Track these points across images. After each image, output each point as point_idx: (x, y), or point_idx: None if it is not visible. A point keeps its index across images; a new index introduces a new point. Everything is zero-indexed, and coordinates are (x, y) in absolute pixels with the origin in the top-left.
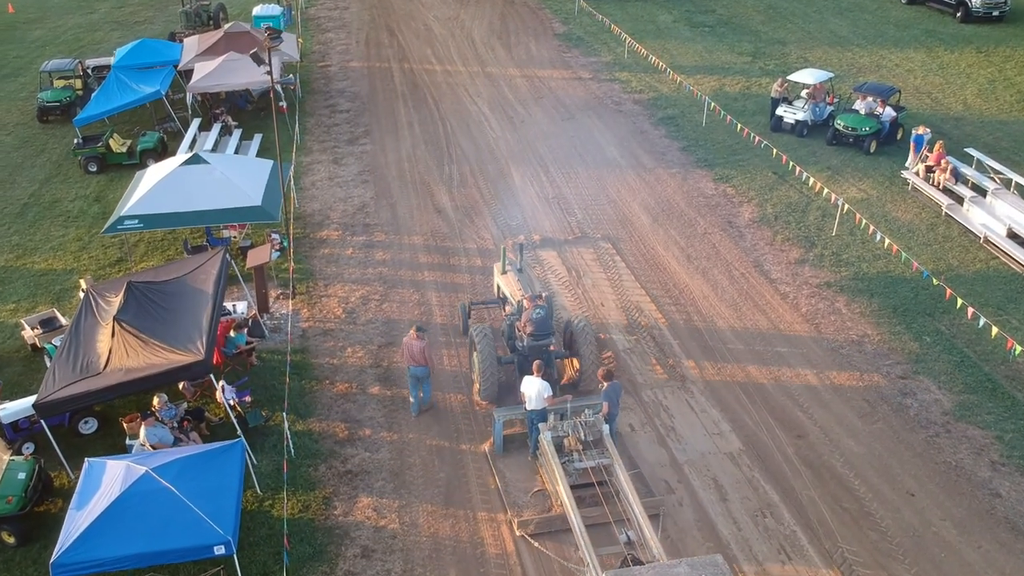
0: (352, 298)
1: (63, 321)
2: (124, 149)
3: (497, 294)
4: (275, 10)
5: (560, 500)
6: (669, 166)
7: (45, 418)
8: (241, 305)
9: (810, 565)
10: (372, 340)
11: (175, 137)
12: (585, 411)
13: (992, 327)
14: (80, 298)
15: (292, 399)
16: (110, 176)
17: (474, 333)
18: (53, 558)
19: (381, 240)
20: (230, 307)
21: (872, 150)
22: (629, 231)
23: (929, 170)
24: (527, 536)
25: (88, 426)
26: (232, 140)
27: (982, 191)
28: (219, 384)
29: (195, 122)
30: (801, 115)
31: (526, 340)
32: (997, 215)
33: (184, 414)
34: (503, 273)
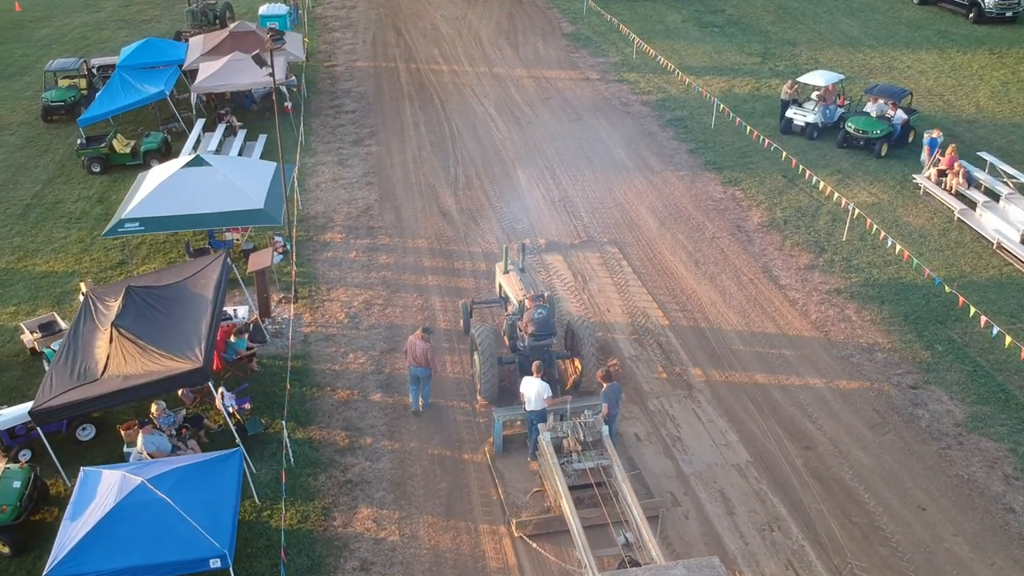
0: (355, 302)
1: (62, 325)
2: (128, 150)
3: (499, 293)
4: (282, 9)
5: (559, 501)
6: (677, 169)
7: (41, 425)
8: (242, 310)
9: None
10: (374, 346)
11: (179, 138)
12: (585, 412)
13: (1006, 336)
14: (80, 302)
15: (292, 406)
16: (113, 177)
17: (475, 333)
18: (46, 570)
19: (385, 243)
20: (231, 312)
21: (883, 153)
22: (636, 235)
23: (941, 174)
24: (525, 537)
25: (86, 432)
26: (236, 141)
27: (995, 196)
28: (218, 391)
29: (199, 122)
30: (811, 117)
31: (527, 340)
32: (1010, 220)
33: (183, 421)
34: (505, 273)
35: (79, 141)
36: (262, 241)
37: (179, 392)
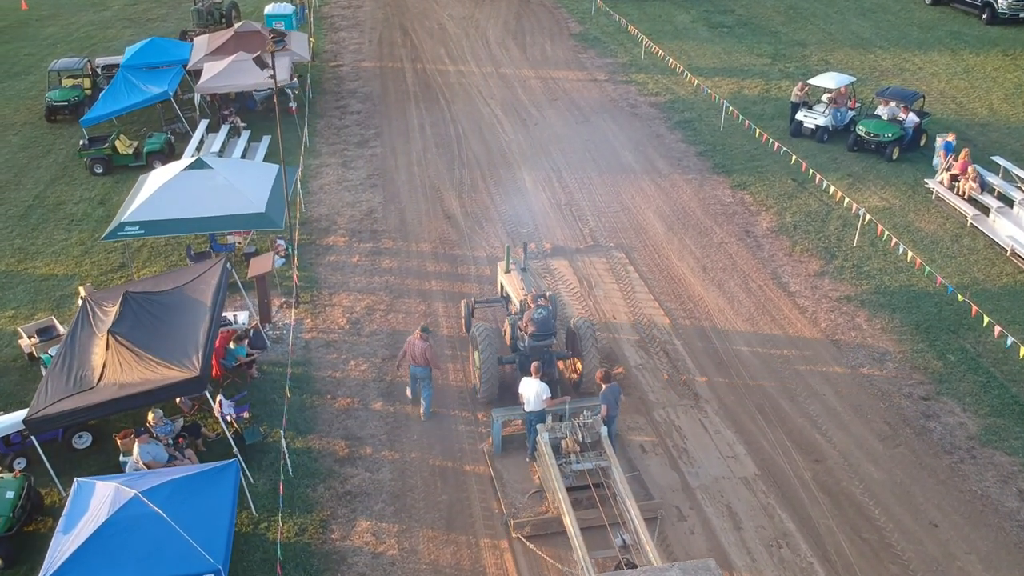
0: (357, 308)
1: (61, 330)
2: (130, 151)
3: (500, 293)
4: (287, 8)
5: (557, 502)
6: (685, 172)
7: (36, 435)
8: (242, 315)
9: None
10: (376, 352)
11: (183, 138)
12: (584, 413)
13: (1020, 346)
14: (79, 306)
15: (292, 414)
16: (116, 178)
17: (476, 332)
18: None
19: (388, 247)
20: (231, 317)
21: (894, 157)
22: (643, 240)
23: (954, 179)
24: (523, 538)
25: (82, 440)
26: (240, 142)
27: (1009, 201)
28: (216, 399)
29: (202, 123)
30: (822, 120)
31: (527, 340)
32: None
33: (180, 430)
34: (507, 272)
35: (82, 142)
36: (264, 244)
37: (177, 400)
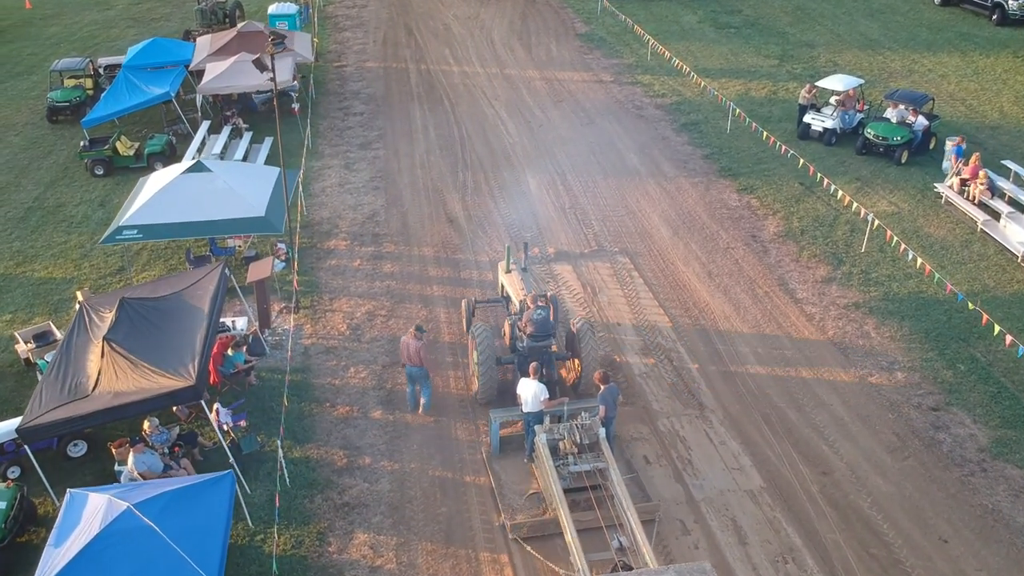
0: (358, 313)
1: (58, 335)
2: (131, 152)
3: (500, 293)
4: (291, 8)
5: (554, 504)
6: (691, 175)
7: (29, 443)
8: (241, 321)
9: None
10: (376, 359)
11: (184, 140)
12: (582, 414)
13: None
14: (76, 311)
15: (289, 423)
16: (116, 180)
17: (475, 332)
18: None
19: (390, 251)
20: (229, 323)
21: (903, 161)
22: (648, 244)
23: (964, 183)
24: (519, 540)
25: (77, 449)
26: (242, 143)
27: (1020, 206)
28: (213, 408)
29: (204, 124)
30: (830, 123)
31: (526, 340)
32: None
33: (176, 439)
34: (507, 272)
35: (82, 143)
36: (265, 248)
37: (173, 408)
